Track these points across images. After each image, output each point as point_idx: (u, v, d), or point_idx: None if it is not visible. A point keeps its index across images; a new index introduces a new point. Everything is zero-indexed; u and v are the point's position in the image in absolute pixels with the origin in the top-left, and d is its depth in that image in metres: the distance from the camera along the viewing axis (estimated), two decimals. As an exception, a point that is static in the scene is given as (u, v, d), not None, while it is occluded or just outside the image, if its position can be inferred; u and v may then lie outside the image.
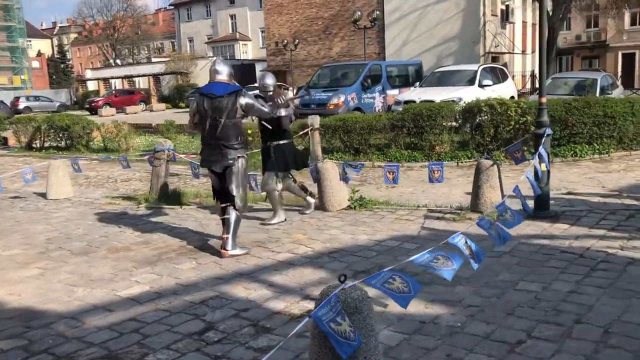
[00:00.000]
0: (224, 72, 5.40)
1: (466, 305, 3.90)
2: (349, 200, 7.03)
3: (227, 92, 5.24)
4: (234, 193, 5.30)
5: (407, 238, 5.60)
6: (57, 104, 42.43)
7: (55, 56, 77.56)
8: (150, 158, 8.16)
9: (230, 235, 5.26)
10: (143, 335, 3.66)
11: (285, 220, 6.50)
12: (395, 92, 17.82)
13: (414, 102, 13.30)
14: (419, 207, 6.96)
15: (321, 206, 6.98)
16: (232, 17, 56.99)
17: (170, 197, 7.97)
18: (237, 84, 5.60)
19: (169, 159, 8.15)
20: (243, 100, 5.28)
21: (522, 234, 5.41)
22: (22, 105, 39.32)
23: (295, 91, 6.96)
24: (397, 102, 14.84)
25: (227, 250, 5.24)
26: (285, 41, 33.95)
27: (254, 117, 6.22)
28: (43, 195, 8.92)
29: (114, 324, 3.86)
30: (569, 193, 7.52)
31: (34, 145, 16.30)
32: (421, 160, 10.58)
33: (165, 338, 3.61)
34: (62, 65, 74.90)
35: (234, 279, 4.67)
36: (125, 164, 8.62)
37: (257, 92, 6.93)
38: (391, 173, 6.90)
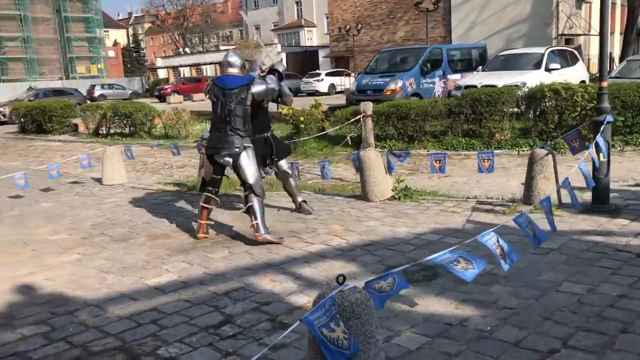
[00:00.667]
0: (236, 65, 5.53)
1: (500, 307, 3.61)
2: (392, 190, 6.77)
3: (238, 85, 5.34)
4: (251, 182, 5.27)
5: (450, 232, 5.31)
6: (130, 91, 44.04)
7: (130, 45, 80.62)
8: (199, 145, 8.19)
9: (259, 221, 5.20)
10: (160, 327, 3.61)
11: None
12: (457, 76, 17.19)
13: (475, 87, 12.72)
14: (468, 198, 6.61)
15: (364, 196, 6.76)
16: (298, 3, 57.06)
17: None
18: (251, 74, 5.68)
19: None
20: (254, 89, 5.35)
21: (575, 229, 4.99)
22: (97, 93, 41.04)
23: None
24: (458, 87, 14.28)
25: (262, 233, 5.16)
26: (349, 26, 33.57)
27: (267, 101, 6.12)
28: (99, 180, 9.19)
29: (135, 313, 3.84)
30: (637, 185, 6.92)
31: (100, 132, 16.93)
32: (479, 149, 10.10)
33: (181, 330, 3.55)
34: (135, 54, 77.73)
35: (262, 270, 4.56)
36: (176, 151, 8.71)
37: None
38: (438, 161, 6.58)
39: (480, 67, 16.64)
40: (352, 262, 4.64)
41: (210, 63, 47.18)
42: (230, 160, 5.34)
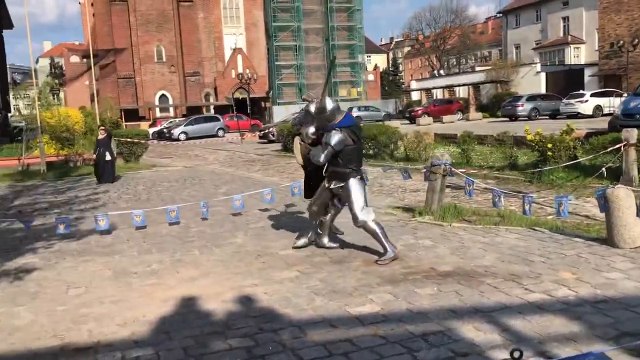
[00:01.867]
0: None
1: None
2: (647, 237, 5.67)
3: None
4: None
5: None
6: (383, 113, 46.07)
7: (389, 69, 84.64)
8: (426, 172, 8.07)
9: None
10: (348, 361, 3.57)
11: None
12: None
13: None
14: None
15: (609, 240, 5.81)
16: (565, 19, 53.01)
17: (443, 213, 7.74)
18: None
19: (445, 174, 7.92)
20: None
21: None
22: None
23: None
24: None
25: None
26: (622, 41, 29.90)
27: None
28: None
29: (330, 342, 3.87)
30: None
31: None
32: None
33: (367, 369, 3.44)
34: (393, 77, 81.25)
35: (468, 315, 4.20)
36: (406, 175, 8.72)
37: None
38: None
39: None
40: (576, 320, 3.98)
41: (463, 84, 46.73)
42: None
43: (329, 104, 5.82)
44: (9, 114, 53.23)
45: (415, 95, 54.72)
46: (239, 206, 8.34)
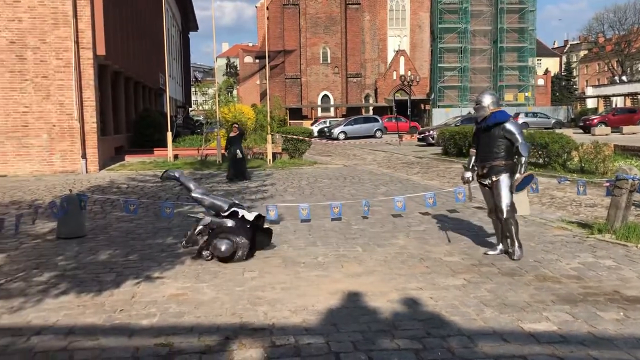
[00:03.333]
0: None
1: None
2: None
3: None
4: None
5: None
6: (553, 120, 43.11)
7: (561, 74, 78.93)
8: (609, 186, 7.37)
9: None
10: (524, 379, 3.37)
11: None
12: None
13: None
14: None
15: None
16: None
17: (627, 232, 7.01)
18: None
19: (632, 189, 7.16)
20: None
21: None
22: (520, 120, 41.57)
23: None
24: None
25: None
26: None
27: None
28: (502, 209, 9.25)
29: (502, 355, 3.69)
30: None
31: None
32: None
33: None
34: (565, 83, 75.64)
35: (663, 349, 3.75)
36: (582, 190, 8.05)
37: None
38: None
39: None
40: None
41: (650, 92, 42.01)
42: None
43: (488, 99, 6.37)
44: (190, 109, 58.86)
45: (590, 103, 50.43)
46: (400, 207, 8.35)
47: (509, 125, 6.11)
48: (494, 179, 6.20)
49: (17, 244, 7.31)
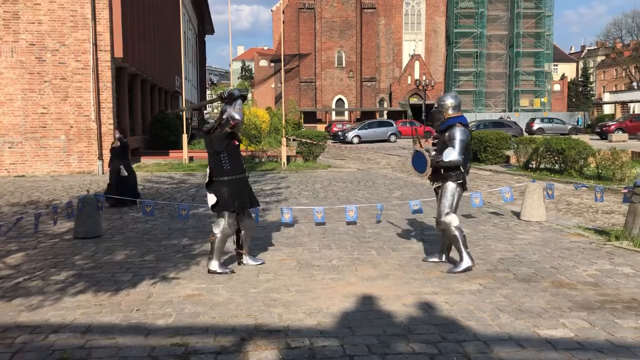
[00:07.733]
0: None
1: None
2: None
3: None
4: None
5: None
6: (569, 126, 42.74)
7: (578, 79, 78.26)
8: (627, 193, 7.29)
9: None
10: (540, 385, 3.34)
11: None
12: None
13: None
14: None
15: None
16: None
17: (645, 239, 6.93)
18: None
19: (652, 196, 7.07)
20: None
21: None
22: (535, 126, 41.34)
23: None
24: None
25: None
26: None
27: None
28: (518, 215, 9.20)
29: (518, 362, 3.67)
30: None
31: (530, 166, 16.95)
32: None
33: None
34: (582, 88, 74.94)
35: (683, 358, 3.71)
36: (600, 197, 7.97)
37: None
38: None
39: None
40: None
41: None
42: None
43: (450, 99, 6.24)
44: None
45: (607, 109, 49.92)
46: (417, 209, 8.31)
47: (453, 131, 6.01)
48: (441, 184, 6.21)
49: (35, 243, 7.41)
